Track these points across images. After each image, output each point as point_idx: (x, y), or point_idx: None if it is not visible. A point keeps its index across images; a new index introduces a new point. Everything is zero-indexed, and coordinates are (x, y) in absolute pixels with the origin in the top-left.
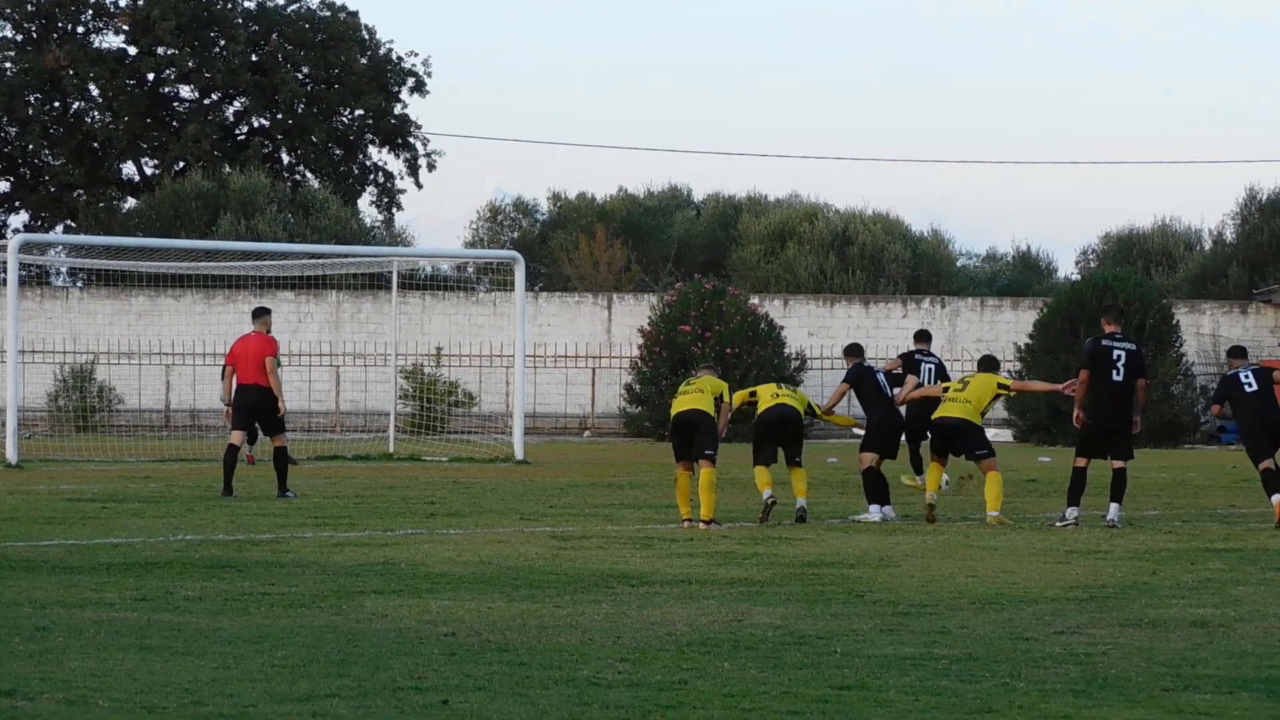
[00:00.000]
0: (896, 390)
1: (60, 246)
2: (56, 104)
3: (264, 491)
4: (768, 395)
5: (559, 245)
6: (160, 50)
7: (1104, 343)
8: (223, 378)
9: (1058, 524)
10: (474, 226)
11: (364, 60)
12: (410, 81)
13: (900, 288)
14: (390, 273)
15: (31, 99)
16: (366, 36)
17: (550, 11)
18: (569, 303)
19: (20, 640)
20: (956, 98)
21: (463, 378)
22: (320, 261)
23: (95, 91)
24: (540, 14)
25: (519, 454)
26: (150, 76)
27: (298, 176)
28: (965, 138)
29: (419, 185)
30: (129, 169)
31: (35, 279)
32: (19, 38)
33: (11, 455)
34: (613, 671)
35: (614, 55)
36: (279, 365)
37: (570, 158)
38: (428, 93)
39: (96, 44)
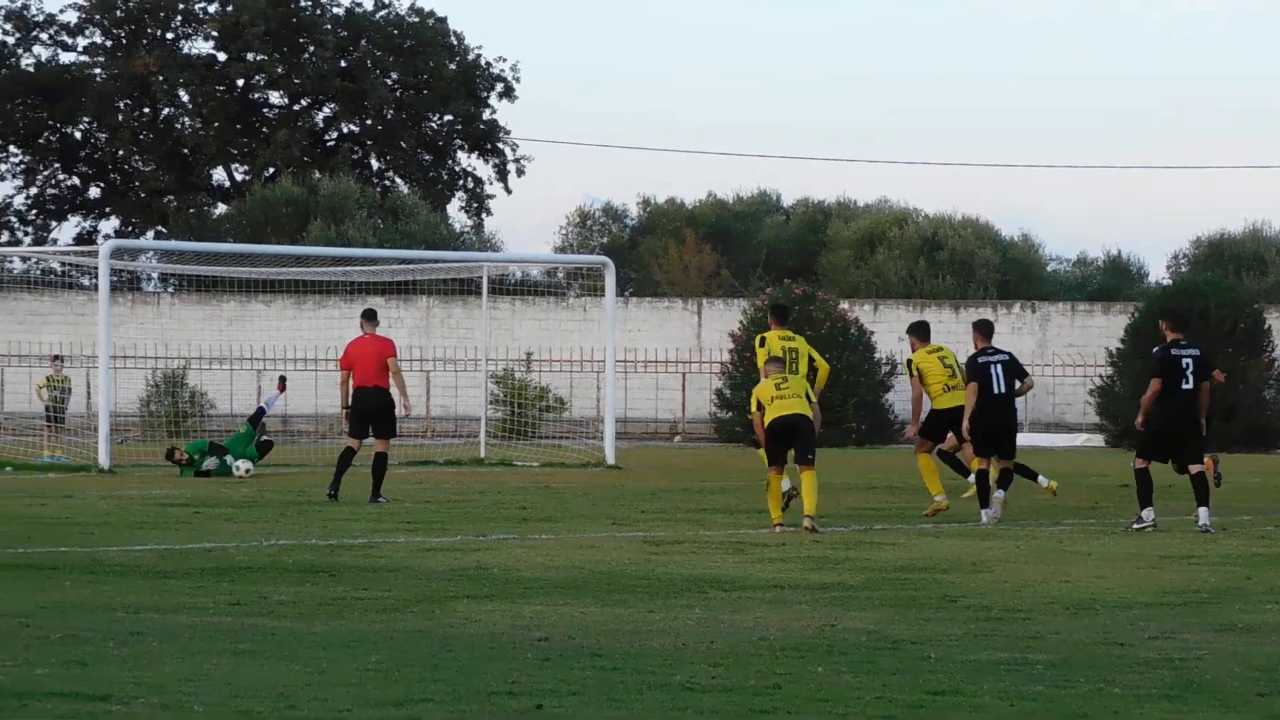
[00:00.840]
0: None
1: (151, 252)
2: (146, 110)
3: (357, 497)
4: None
5: (648, 250)
6: (249, 56)
7: (1173, 351)
8: (341, 383)
9: (1134, 526)
10: (563, 231)
11: (452, 66)
12: (499, 87)
13: (990, 293)
14: (480, 278)
15: (121, 105)
16: (455, 42)
17: (640, 17)
18: (659, 308)
19: (114, 645)
20: (1045, 104)
21: (553, 383)
22: (410, 266)
23: (185, 97)
24: (629, 19)
25: (610, 459)
26: (239, 83)
27: (387, 182)
28: (1055, 143)
29: (508, 190)
30: (219, 175)
31: (126, 285)
32: (109, 43)
33: (104, 460)
34: (706, 677)
35: (703, 60)
36: None
37: (659, 163)
38: (516, 98)
39: (186, 50)
